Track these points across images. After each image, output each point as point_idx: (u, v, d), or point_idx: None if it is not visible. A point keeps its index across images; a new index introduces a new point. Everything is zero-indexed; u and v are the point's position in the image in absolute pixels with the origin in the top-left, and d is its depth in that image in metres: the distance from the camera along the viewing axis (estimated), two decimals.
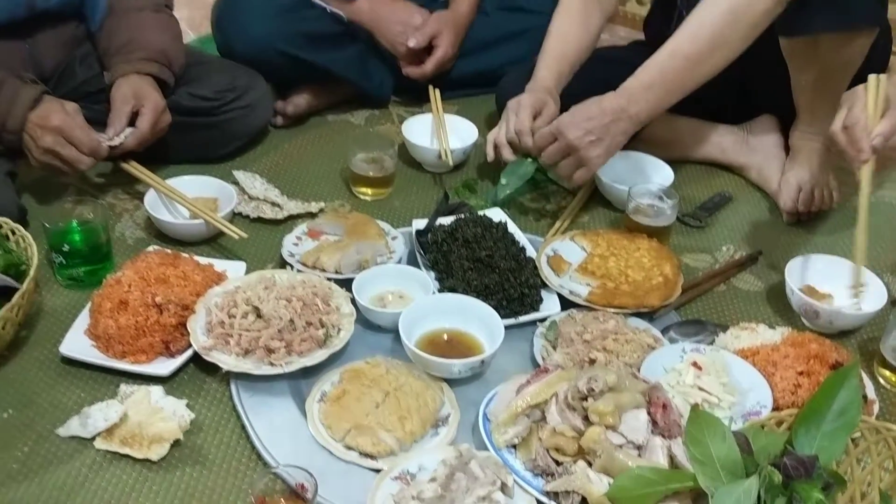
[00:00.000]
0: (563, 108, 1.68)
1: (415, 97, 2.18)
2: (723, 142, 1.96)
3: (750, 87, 1.92)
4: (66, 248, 1.46)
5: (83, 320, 1.36)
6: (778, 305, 1.58)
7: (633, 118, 1.58)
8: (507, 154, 1.73)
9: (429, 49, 2.06)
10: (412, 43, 2.00)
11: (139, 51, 1.70)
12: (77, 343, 1.33)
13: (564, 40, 1.82)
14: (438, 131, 1.92)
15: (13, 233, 1.43)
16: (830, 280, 1.53)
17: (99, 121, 1.65)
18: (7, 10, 1.66)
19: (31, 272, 1.32)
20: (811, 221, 1.83)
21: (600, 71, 1.80)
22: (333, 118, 2.14)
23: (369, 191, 1.81)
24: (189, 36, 2.50)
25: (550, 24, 1.84)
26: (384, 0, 2.07)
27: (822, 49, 1.63)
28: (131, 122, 1.64)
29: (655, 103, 1.59)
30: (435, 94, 2.01)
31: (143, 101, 1.64)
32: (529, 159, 1.71)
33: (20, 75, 1.63)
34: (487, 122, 2.12)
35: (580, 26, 1.83)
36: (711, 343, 1.40)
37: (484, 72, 2.18)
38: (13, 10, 1.67)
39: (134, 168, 1.69)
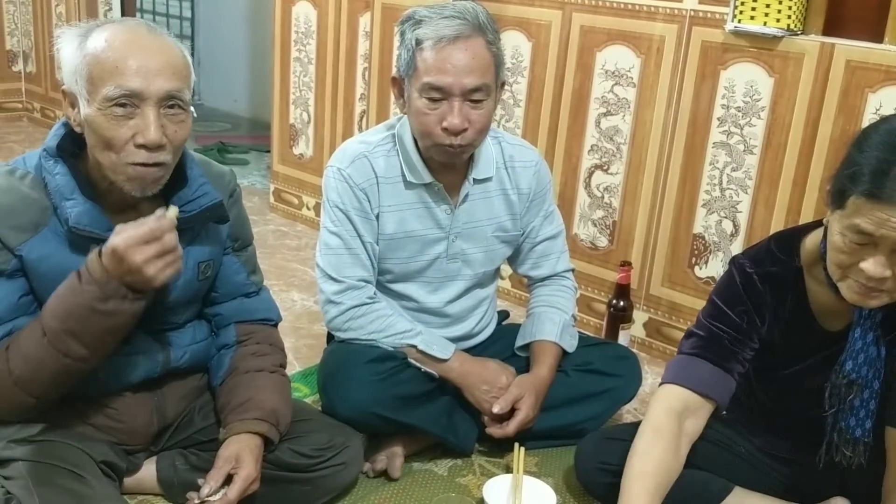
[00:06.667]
0: None
1: (497, 447, 2.30)
2: None
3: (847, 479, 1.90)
4: None
5: None
6: None
7: None
8: None
9: (512, 409, 2.20)
10: (496, 409, 2.15)
11: (254, 410, 1.89)
12: None
13: (656, 466, 1.71)
14: (514, 496, 2.00)
15: None
16: None
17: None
18: (145, 370, 1.91)
19: None
20: None
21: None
22: (419, 466, 2.26)
23: None
24: (294, 367, 2.74)
25: (636, 442, 1.75)
26: (473, 360, 2.26)
27: None
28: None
29: None
30: (519, 454, 2.11)
31: (239, 467, 1.78)
32: None
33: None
34: (565, 478, 2.23)
35: (672, 451, 1.73)
36: None
37: (564, 427, 2.31)
38: (150, 370, 1.92)
39: None
